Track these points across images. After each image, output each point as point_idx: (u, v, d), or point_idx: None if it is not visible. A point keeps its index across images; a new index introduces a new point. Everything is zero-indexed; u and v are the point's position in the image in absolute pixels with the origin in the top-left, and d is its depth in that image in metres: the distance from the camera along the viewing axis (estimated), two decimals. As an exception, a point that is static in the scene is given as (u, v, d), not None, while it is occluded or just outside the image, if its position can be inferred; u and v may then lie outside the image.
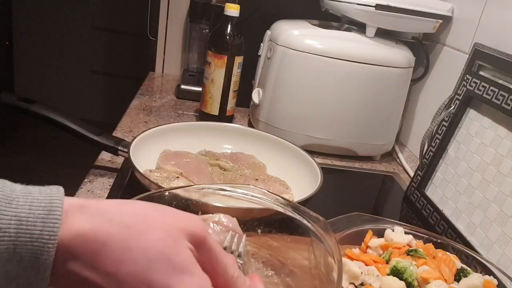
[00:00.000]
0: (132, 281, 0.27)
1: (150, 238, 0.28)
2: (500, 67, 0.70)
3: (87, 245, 0.26)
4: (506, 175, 0.62)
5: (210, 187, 0.52)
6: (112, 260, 0.27)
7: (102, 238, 0.27)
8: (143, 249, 0.27)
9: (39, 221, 0.25)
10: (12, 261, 0.25)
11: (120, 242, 0.27)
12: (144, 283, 0.27)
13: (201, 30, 1.23)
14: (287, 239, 0.52)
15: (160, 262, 0.27)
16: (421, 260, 0.51)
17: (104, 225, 0.27)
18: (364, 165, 0.97)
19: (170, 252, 0.28)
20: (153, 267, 0.27)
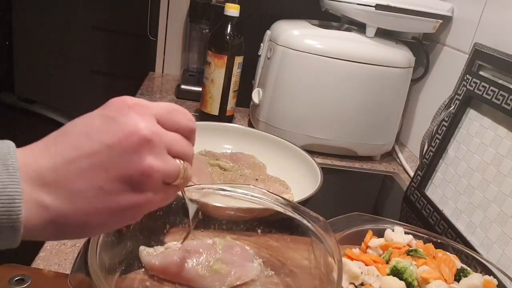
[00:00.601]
0: (84, 133, 0.30)
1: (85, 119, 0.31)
2: (500, 67, 0.70)
3: None
4: (506, 175, 0.62)
5: (210, 187, 0.52)
6: (64, 148, 0.29)
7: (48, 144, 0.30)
8: (82, 120, 0.31)
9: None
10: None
11: (62, 135, 0.30)
12: (93, 129, 0.30)
13: (201, 30, 1.23)
14: (287, 239, 0.52)
15: (97, 115, 0.31)
16: (421, 260, 0.51)
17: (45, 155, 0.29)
18: (364, 165, 0.97)
19: (103, 110, 0.32)
20: (91, 121, 0.31)
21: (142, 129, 0.30)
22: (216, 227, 0.54)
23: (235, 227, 0.54)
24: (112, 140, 0.29)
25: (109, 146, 0.29)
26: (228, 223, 0.54)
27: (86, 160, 0.29)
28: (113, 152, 0.29)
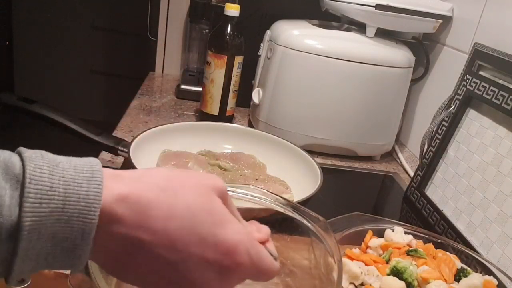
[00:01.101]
0: (181, 234, 0.29)
1: (188, 196, 0.30)
2: (500, 67, 0.70)
3: (132, 207, 0.28)
4: (506, 175, 0.62)
5: (210, 187, 0.52)
6: (159, 218, 0.28)
7: (144, 200, 0.28)
8: (186, 206, 0.29)
9: (84, 183, 0.26)
10: (60, 221, 0.25)
11: (163, 203, 0.29)
12: (193, 235, 0.29)
13: (201, 30, 1.23)
14: (287, 239, 0.52)
15: (202, 215, 0.30)
16: (421, 260, 0.51)
17: (142, 189, 0.29)
18: (364, 165, 0.97)
19: (209, 206, 0.31)
20: (198, 220, 0.29)
21: (239, 255, 0.31)
22: (216, 227, 0.54)
23: (235, 227, 0.54)
24: (209, 256, 0.30)
25: (206, 259, 0.30)
26: (228, 223, 0.54)
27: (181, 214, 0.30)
28: (209, 267, 0.30)
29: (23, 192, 0.25)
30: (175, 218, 0.29)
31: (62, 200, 0.25)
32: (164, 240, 0.29)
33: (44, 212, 0.25)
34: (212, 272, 0.30)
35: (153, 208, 0.28)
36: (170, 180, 0.30)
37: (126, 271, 0.30)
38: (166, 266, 0.29)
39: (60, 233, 0.26)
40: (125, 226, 0.28)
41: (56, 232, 0.25)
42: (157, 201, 0.29)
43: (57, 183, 0.26)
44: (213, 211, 0.31)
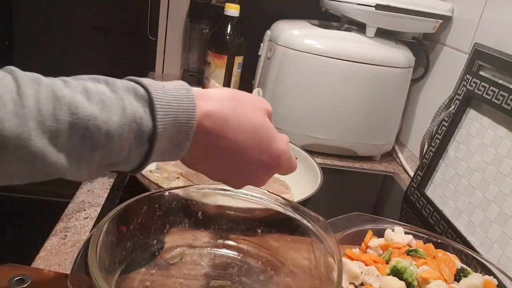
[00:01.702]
0: (247, 144, 0.40)
1: (252, 115, 0.41)
2: (500, 67, 0.70)
3: (215, 122, 0.38)
4: (506, 175, 0.62)
5: (210, 187, 0.52)
6: (233, 131, 0.39)
7: (223, 116, 0.38)
8: (252, 123, 0.40)
9: (185, 99, 0.36)
10: (174, 127, 0.35)
11: (236, 119, 0.39)
12: (255, 145, 0.40)
13: (201, 30, 1.23)
14: (287, 239, 0.52)
15: (261, 131, 0.41)
16: (421, 260, 0.51)
17: (221, 107, 0.38)
18: (364, 165, 0.97)
19: (265, 124, 0.42)
20: (259, 135, 0.41)
21: (281, 157, 0.43)
22: (216, 227, 0.54)
23: (235, 227, 0.54)
24: (265, 160, 0.42)
25: (262, 161, 0.42)
26: (228, 223, 0.54)
27: (246, 122, 0.40)
28: (265, 165, 0.43)
29: (154, 109, 0.34)
30: (243, 131, 0.39)
31: (174, 112, 0.35)
32: (234, 146, 0.39)
33: (168, 121, 0.35)
34: (264, 169, 0.43)
35: (229, 123, 0.38)
36: (238, 101, 0.40)
37: (201, 164, 0.41)
38: (233, 163, 0.41)
39: (174, 134, 0.35)
40: (210, 134, 0.38)
41: (172, 134, 0.35)
42: (232, 118, 0.39)
43: (170, 100, 0.35)
44: (267, 128, 0.42)
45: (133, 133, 0.33)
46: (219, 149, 0.39)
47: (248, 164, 0.41)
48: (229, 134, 0.39)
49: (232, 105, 0.39)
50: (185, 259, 0.51)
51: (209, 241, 0.54)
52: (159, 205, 0.49)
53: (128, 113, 0.33)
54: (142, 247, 0.49)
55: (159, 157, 0.37)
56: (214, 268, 0.51)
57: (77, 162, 0.32)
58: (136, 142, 0.34)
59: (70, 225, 0.59)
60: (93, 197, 0.66)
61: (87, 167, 0.33)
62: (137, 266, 0.48)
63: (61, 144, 0.30)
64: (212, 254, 0.53)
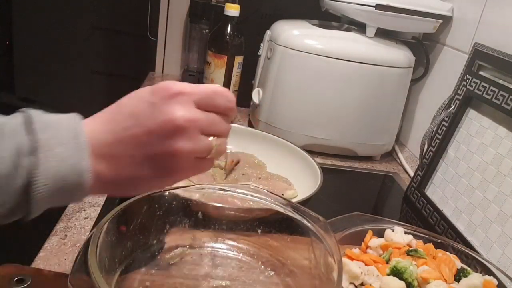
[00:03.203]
0: (136, 137, 0.37)
1: (129, 109, 0.38)
2: (500, 67, 0.70)
3: (107, 162, 0.37)
4: (506, 175, 0.62)
5: (210, 187, 0.52)
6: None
7: (114, 153, 0.37)
8: (129, 116, 0.37)
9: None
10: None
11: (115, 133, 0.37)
12: (143, 130, 0.37)
13: (201, 30, 1.23)
14: (287, 239, 0.52)
15: (142, 114, 0.37)
16: (421, 260, 0.51)
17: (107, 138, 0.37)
18: (364, 165, 0.97)
19: (139, 100, 0.39)
20: (140, 120, 0.37)
21: (177, 118, 0.36)
22: (216, 227, 0.54)
23: (235, 227, 0.54)
24: (153, 126, 0.36)
25: (150, 130, 0.36)
26: (228, 223, 0.54)
27: (131, 139, 0.37)
28: (152, 135, 0.36)
29: None
30: (124, 139, 0.37)
31: None
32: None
33: None
34: (161, 140, 0.37)
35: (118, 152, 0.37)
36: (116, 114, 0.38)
37: (124, 185, 0.39)
38: (143, 159, 0.37)
39: None
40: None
41: None
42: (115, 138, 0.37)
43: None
44: (155, 93, 0.37)
45: None
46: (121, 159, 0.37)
47: (153, 148, 0.37)
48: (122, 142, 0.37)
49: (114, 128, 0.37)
50: (185, 259, 0.51)
51: (209, 241, 0.54)
52: (159, 205, 0.49)
53: None
54: (142, 247, 0.49)
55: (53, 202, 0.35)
56: (214, 268, 0.51)
57: None
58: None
59: (70, 225, 0.59)
60: (93, 197, 0.66)
61: None
62: (137, 266, 0.48)
63: None
64: (212, 254, 0.53)
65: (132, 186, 0.39)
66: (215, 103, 0.40)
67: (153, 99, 0.37)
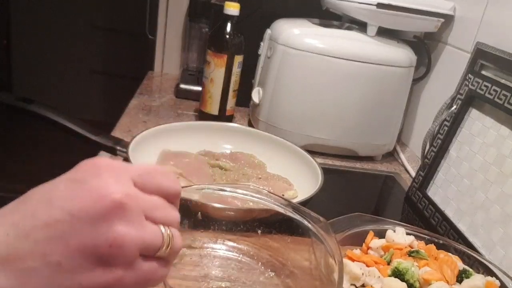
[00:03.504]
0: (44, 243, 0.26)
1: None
2: (502, 66, 0.69)
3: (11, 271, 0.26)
4: (508, 175, 0.62)
5: (210, 187, 0.51)
6: None
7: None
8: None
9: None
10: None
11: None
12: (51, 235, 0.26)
13: (200, 29, 1.22)
14: (288, 240, 0.51)
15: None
16: (422, 261, 0.50)
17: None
18: (365, 165, 0.97)
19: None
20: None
21: (113, 192, 0.26)
22: (216, 228, 0.53)
23: (235, 227, 0.54)
24: (77, 206, 0.26)
25: (71, 213, 0.26)
26: (228, 224, 0.54)
27: (42, 231, 0.25)
28: (76, 220, 0.26)
29: None
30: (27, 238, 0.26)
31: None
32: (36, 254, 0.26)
33: None
34: (90, 226, 0.26)
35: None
36: None
37: None
38: (69, 265, 0.26)
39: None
40: None
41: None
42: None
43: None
44: (77, 171, 0.28)
45: None
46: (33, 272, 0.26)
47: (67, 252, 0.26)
48: None
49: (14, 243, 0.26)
50: (184, 260, 0.51)
51: (208, 241, 0.53)
52: (158, 205, 0.48)
53: None
54: (141, 248, 0.48)
55: None
56: (213, 269, 0.51)
57: None
58: None
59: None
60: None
61: None
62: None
63: None
64: (211, 255, 0.53)
65: None
66: (157, 181, 0.30)
67: (75, 176, 0.28)
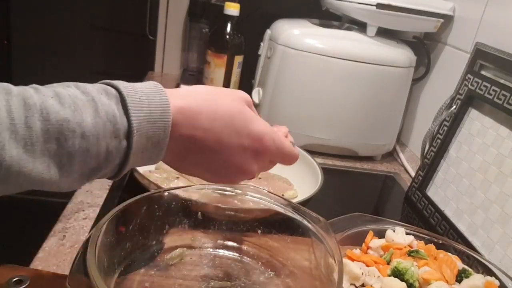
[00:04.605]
0: (223, 130, 0.40)
1: (226, 103, 0.41)
2: (502, 66, 0.70)
3: (187, 115, 0.38)
4: (508, 175, 0.62)
5: (210, 187, 0.52)
6: (207, 119, 0.39)
7: (195, 108, 0.39)
8: (226, 110, 0.40)
9: (157, 95, 0.36)
10: (150, 122, 0.35)
11: (208, 109, 0.39)
12: (232, 130, 0.40)
13: (200, 29, 1.22)
14: (288, 240, 0.51)
15: (237, 115, 0.41)
16: (422, 261, 0.51)
17: (192, 101, 0.39)
18: (364, 165, 0.97)
19: (241, 109, 0.41)
20: (235, 119, 0.40)
21: (268, 140, 0.43)
22: (216, 227, 0.53)
23: (235, 227, 0.54)
24: (247, 141, 0.41)
25: (243, 145, 0.41)
26: (228, 224, 0.54)
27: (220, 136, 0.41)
28: (243, 150, 0.42)
29: (126, 105, 0.34)
30: (218, 119, 0.39)
31: (147, 107, 0.35)
32: (211, 135, 0.39)
33: (142, 116, 0.35)
34: (248, 155, 0.42)
35: (203, 113, 0.39)
36: (211, 93, 0.41)
37: (185, 163, 0.41)
38: (215, 154, 0.40)
39: (151, 131, 0.36)
40: (183, 128, 0.38)
41: (148, 131, 0.35)
42: (204, 108, 0.39)
43: (141, 97, 0.35)
44: (243, 112, 0.41)
45: (109, 132, 0.33)
46: (197, 142, 0.39)
47: (231, 153, 0.41)
48: (204, 123, 0.39)
49: (204, 97, 0.40)
50: (184, 260, 0.51)
51: (208, 241, 0.53)
52: (159, 205, 0.49)
53: (100, 113, 0.33)
54: (141, 248, 0.48)
55: (140, 158, 0.37)
56: (213, 269, 0.51)
57: (57, 170, 0.32)
58: (113, 141, 0.34)
59: (68, 226, 0.59)
60: (92, 198, 0.66)
61: (68, 175, 0.33)
62: (136, 267, 0.47)
63: (37, 152, 0.30)
64: (211, 255, 0.53)
65: (191, 168, 0.43)
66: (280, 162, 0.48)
67: (244, 110, 0.42)
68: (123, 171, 0.37)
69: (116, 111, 0.34)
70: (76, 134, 0.32)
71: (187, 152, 0.40)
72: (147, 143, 0.36)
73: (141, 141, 0.35)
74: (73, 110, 0.32)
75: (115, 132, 0.34)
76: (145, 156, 0.37)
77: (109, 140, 0.34)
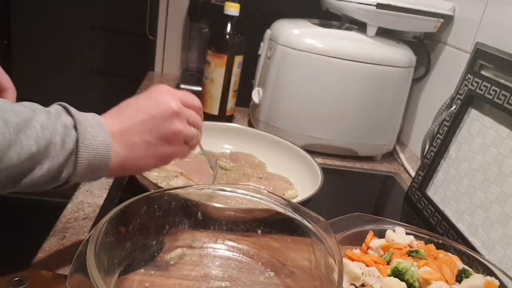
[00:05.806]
0: (140, 122, 0.47)
1: (138, 102, 0.48)
2: (502, 66, 0.70)
3: (123, 140, 0.46)
4: (508, 175, 0.62)
5: (210, 187, 0.52)
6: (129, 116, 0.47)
7: (124, 129, 0.46)
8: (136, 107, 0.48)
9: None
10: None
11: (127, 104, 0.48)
12: (145, 109, 0.47)
13: (200, 29, 1.22)
14: (288, 240, 0.51)
15: (144, 101, 0.49)
16: (422, 261, 0.51)
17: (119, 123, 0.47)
18: (364, 165, 0.97)
19: (147, 98, 0.50)
20: (142, 105, 0.48)
21: (173, 105, 0.48)
22: (216, 227, 0.53)
23: (235, 227, 0.54)
24: (155, 111, 0.47)
25: (153, 115, 0.47)
26: (228, 224, 0.54)
27: (139, 125, 0.46)
28: (155, 119, 0.47)
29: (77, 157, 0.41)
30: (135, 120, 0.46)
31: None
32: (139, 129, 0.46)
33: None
34: (165, 120, 0.47)
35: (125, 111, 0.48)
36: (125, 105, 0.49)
37: (138, 162, 0.47)
38: (154, 142, 0.47)
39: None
40: None
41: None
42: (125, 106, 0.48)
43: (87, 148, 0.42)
44: (149, 98, 0.48)
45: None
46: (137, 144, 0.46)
47: (153, 126, 0.47)
48: (127, 119, 0.46)
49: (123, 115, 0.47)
50: (184, 259, 0.51)
51: (208, 241, 0.53)
52: (159, 205, 0.49)
53: None
54: (141, 248, 0.48)
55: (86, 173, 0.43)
56: (213, 269, 0.51)
57: None
58: None
59: (68, 226, 0.59)
60: (92, 198, 0.66)
61: None
62: (136, 266, 0.47)
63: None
64: (211, 255, 0.53)
65: (142, 164, 0.48)
66: (190, 101, 0.51)
67: (150, 95, 0.49)
68: None
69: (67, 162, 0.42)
70: None
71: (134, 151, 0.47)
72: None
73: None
74: None
75: None
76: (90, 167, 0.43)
77: None
